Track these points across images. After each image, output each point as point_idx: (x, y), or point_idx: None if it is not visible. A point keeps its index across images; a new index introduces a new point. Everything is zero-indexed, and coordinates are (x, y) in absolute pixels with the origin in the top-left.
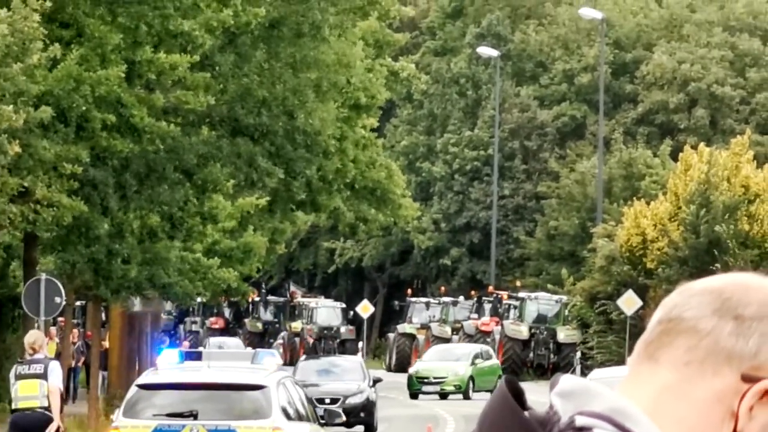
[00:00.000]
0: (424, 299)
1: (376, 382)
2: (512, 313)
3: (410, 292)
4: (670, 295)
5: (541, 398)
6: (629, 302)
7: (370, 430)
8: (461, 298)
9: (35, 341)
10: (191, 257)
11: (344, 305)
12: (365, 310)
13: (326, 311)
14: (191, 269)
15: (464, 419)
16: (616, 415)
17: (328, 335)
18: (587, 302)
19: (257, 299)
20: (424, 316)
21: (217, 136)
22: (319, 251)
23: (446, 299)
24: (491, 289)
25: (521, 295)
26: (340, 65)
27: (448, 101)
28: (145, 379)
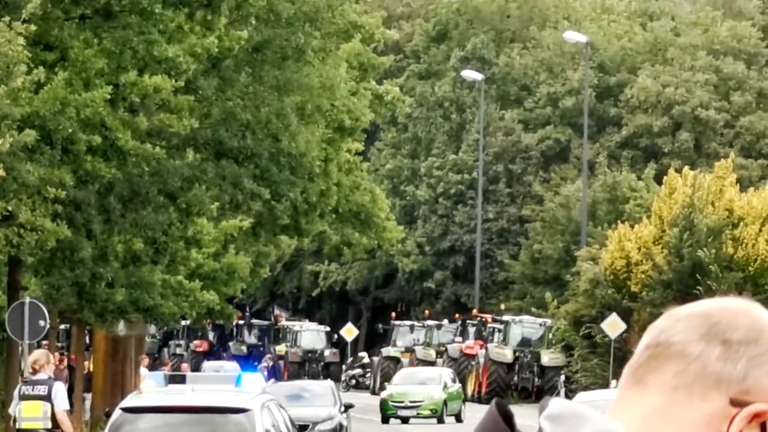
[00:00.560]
0: (408, 322)
1: (347, 408)
2: (496, 336)
3: (394, 315)
4: (657, 319)
5: (526, 421)
6: (613, 325)
7: None
8: (445, 321)
9: (37, 360)
10: (173, 280)
11: (328, 328)
12: (349, 333)
13: (310, 334)
14: (174, 292)
15: None
16: None
17: (312, 358)
18: (571, 325)
19: (242, 322)
20: (408, 339)
21: (201, 159)
22: (303, 274)
23: (430, 322)
24: (475, 312)
25: (505, 318)
26: (324, 88)
27: (432, 125)
28: (129, 402)
